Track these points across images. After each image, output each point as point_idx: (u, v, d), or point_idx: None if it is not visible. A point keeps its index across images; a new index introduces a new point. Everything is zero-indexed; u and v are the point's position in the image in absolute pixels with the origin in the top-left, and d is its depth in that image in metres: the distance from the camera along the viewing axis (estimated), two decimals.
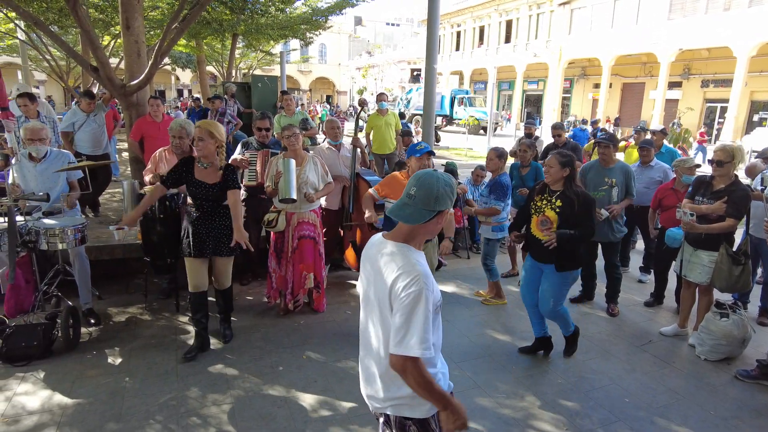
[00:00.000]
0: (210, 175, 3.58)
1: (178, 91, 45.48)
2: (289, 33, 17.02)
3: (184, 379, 3.41)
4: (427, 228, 1.71)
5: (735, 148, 3.88)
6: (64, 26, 13.09)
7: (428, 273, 1.63)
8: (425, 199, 1.65)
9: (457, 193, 1.73)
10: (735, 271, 3.72)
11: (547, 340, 3.96)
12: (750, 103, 23.08)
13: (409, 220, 1.66)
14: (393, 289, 1.61)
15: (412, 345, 1.54)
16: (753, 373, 3.57)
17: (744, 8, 20.80)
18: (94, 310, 4.24)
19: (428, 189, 1.65)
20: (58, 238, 3.71)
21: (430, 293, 1.59)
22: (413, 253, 1.68)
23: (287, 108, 7.47)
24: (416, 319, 1.56)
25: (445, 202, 1.67)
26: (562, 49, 30.06)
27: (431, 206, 1.65)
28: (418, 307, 1.56)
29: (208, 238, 3.63)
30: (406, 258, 1.64)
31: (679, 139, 11.46)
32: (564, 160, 3.49)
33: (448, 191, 1.68)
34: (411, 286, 1.57)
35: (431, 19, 6.36)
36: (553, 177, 3.55)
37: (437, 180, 1.67)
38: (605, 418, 3.19)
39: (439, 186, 1.66)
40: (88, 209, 6.22)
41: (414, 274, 1.58)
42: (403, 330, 1.56)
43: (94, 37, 5.81)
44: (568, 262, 3.59)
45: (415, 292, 1.56)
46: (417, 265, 1.62)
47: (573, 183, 3.54)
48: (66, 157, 4.24)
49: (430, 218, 1.67)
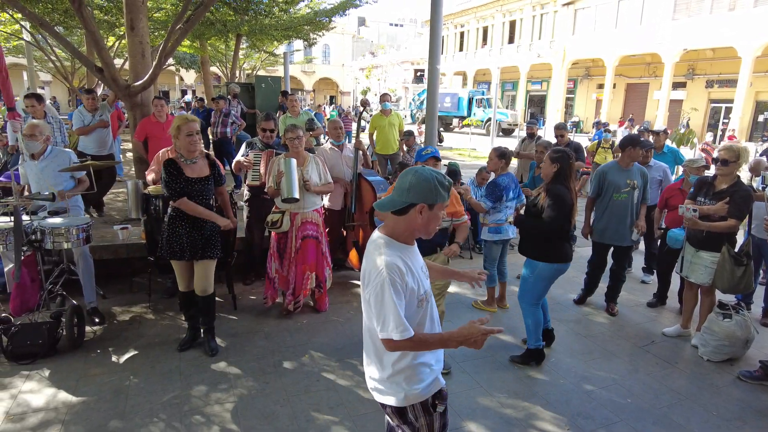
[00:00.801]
0: (202, 168, 3.56)
1: (182, 91, 45.61)
2: (293, 34, 17.08)
3: (188, 378, 3.43)
4: (407, 220, 1.72)
5: (741, 148, 3.88)
6: (69, 27, 13.19)
7: (394, 263, 1.66)
8: (399, 188, 1.71)
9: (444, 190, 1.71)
10: (737, 272, 3.72)
11: (548, 333, 4.00)
12: (755, 103, 22.98)
13: (381, 207, 1.75)
14: (363, 281, 1.75)
15: (391, 329, 1.63)
16: (756, 374, 3.56)
17: (749, 8, 20.72)
18: (98, 309, 4.27)
19: (403, 179, 1.71)
20: (63, 238, 3.74)
21: (394, 280, 1.64)
22: (390, 244, 1.73)
23: (292, 109, 7.50)
24: (387, 307, 1.64)
25: (421, 195, 1.67)
26: (565, 49, 30.02)
27: (403, 196, 1.69)
28: (385, 295, 1.63)
29: (198, 240, 3.55)
30: (379, 249, 1.72)
31: (683, 139, 11.42)
32: (554, 155, 3.58)
33: (424, 184, 1.67)
34: (375, 276, 1.67)
35: (434, 20, 6.36)
36: (544, 171, 3.66)
37: (414, 173, 1.70)
38: (607, 419, 3.19)
39: (412, 178, 1.69)
40: (93, 209, 6.25)
41: (378, 265, 1.67)
42: (381, 318, 1.66)
43: (99, 37, 5.85)
44: (530, 250, 3.73)
45: (379, 282, 1.65)
46: (384, 255, 1.68)
47: (559, 180, 3.58)
48: (67, 156, 4.27)
49: (403, 208, 1.69)
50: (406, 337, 1.64)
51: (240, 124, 8.72)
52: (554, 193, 3.53)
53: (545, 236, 3.62)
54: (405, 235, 1.77)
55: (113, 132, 6.87)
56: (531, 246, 3.74)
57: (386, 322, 1.64)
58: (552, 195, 3.53)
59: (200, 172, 3.54)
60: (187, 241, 3.53)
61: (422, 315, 1.79)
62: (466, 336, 1.69)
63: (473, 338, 1.69)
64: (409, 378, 1.79)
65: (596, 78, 30.66)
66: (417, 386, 1.79)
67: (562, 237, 3.65)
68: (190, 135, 3.41)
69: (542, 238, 3.65)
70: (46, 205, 4.01)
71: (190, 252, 3.55)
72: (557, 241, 3.64)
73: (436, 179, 1.69)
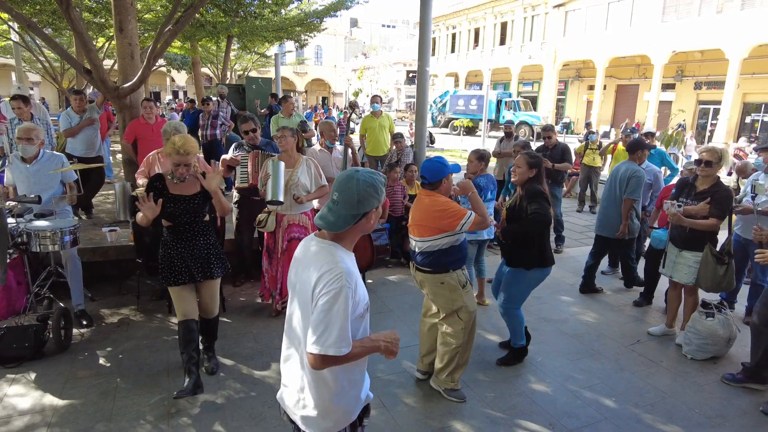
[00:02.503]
0: (188, 186, 3.26)
1: (173, 92, 45.41)
2: (284, 35, 17.09)
3: (176, 380, 3.43)
4: (358, 228, 1.69)
5: (722, 150, 3.96)
6: (58, 28, 13.09)
7: (352, 272, 1.62)
8: (347, 203, 1.62)
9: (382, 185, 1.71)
10: (719, 270, 3.78)
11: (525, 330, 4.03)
12: (742, 104, 23.24)
13: (333, 227, 1.64)
14: (316, 288, 1.59)
15: (330, 343, 1.54)
16: (738, 377, 3.61)
17: (736, 11, 20.99)
18: (86, 311, 4.25)
19: (348, 193, 1.62)
20: (50, 240, 3.73)
21: (350, 291, 1.58)
22: (339, 251, 1.66)
23: (286, 110, 7.55)
24: (336, 317, 1.54)
25: (370, 202, 1.64)
26: (556, 51, 30.22)
27: (354, 209, 1.63)
28: (337, 305, 1.54)
29: (193, 261, 3.26)
30: (331, 256, 1.63)
31: (671, 140, 11.57)
32: (532, 161, 3.57)
33: (370, 191, 1.63)
34: (332, 283, 1.55)
35: (423, 22, 6.41)
36: (519, 177, 3.61)
37: (356, 183, 1.63)
38: (591, 417, 3.23)
39: (358, 189, 1.62)
40: (81, 211, 6.22)
41: (336, 272, 1.57)
42: (322, 327, 1.55)
43: (88, 39, 5.83)
44: (517, 259, 3.65)
45: (336, 290, 1.55)
46: (341, 262, 1.60)
47: (534, 182, 3.57)
48: (59, 160, 4.26)
49: (358, 221, 1.65)
50: (343, 353, 1.55)
51: (229, 126, 8.70)
52: (535, 190, 3.53)
53: (531, 240, 3.58)
54: (351, 240, 1.73)
55: (102, 133, 6.82)
56: (520, 256, 3.62)
57: (327, 334, 1.54)
58: (533, 192, 3.52)
59: (184, 191, 3.24)
60: (180, 263, 3.23)
61: (363, 326, 1.73)
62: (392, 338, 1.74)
63: (394, 344, 1.74)
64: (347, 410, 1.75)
65: (587, 79, 30.89)
66: (351, 413, 1.77)
67: (546, 238, 3.69)
68: (177, 166, 3.17)
69: (531, 245, 3.58)
70: (33, 208, 3.99)
71: (188, 274, 3.25)
72: (547, 243, 3.69)
73: (376, 180, 1.68)
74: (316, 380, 1.69)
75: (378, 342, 1.72)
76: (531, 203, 3.48)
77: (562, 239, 6.95)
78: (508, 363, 3.85)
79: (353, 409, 1.77)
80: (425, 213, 3.16)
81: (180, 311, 3.30)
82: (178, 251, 3.24)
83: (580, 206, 9.57)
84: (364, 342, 1.68)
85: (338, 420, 1.74)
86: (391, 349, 1.74)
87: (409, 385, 3.52)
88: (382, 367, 3.69)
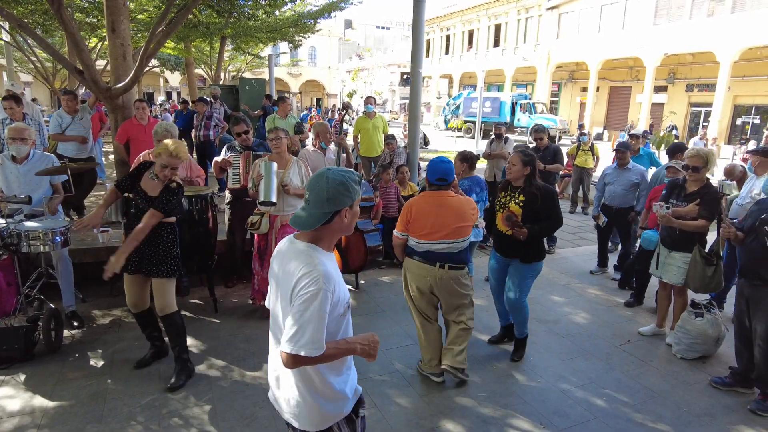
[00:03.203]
0: (155, 187, 3.28)
1: (167, 93, 45.21)
2: (278, 36, 17.05)
3: (167, 381, 3.42)
4: (333, 228, 1.69)
5: (708, 153, 4.00)
6: (49, 29, 13.01)
7: (330, 274, 1.62)
8: (317, 202, 1.64)
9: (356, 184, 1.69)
10: (708, 271, 3.82)
11: (512, 327, 4.10)
12: (733, 107, 23.46)
13: (304, 226, 1.66)
14: (295, 289, 1.60)
15: (302, 344, 1.55)
16: (727, 380, 3.63)
17: (727, 14, 21.19)
18: (77, 312, 4.23)
19: (318, 192, 1.64)
20: (40, 241, 3.70)
21: (328, 293, 1.59)
22: (318, 253, 1.67)
23: (282, 110, 7.57)
24: (310, 318, 1.55)
25: (341, 200, 1.64)
26: (550, 53, 30.36)
27: (325, 208, 1.64)
28: (313, 306, 1.56)
29: (148, 254, 3.30)
30: (310, 258, 1.63)
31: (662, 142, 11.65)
32: (526, 159, 3.67)
33: (341, 189, 1.63)
34: (310, 285, 1.57)
35: (416, 24, 6.42)
36: (515, 174, 3.72)
37: (326, 180, 1.63)
38: (582, 416, 3.25)
39: (327, 186, 1.62)
40: (73, 212, 6.19)
41: (315, 274, 1.58)
42: (296, 327, 1.56)
43: (79, 39, 5.80)
44: (533, 255, 3.76)
45: (313, 291, 1.56)
46: (319, 265, 1.61)
47: (534, 179, 3.71)
48: (49, 160, 4.24)
49: (329, 219, 1.65)
50: (315, 355, 1.56)
51: (223, 127, 8.68)
52: (546, 193, 3.67)
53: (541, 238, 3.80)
54: (329, 241, 1.73)
55: (94, 134, 6.79)
56: (537, 250, 3.77)
57: (301, 334, 1.55)
58: (545, 196, 3.65)
59: (149, 189, 3.28)
60: (136, 254, 3.26)
61: (344, 325, 1.75)
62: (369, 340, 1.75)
63: (371, 347, 1.74)
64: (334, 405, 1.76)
65: (580, 81, 31.06)
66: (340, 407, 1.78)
67: None
68: (164, 168, 3.19)
69: (541, 240, 3.81)
70: (23, 208, 3.97)
71: (135, 264, 3.29)
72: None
73: (347, 178, 1.67)
74: (300, 376, 1.70)
75: (354, 345, 1.72)
76: (549, 203, 3.65)
77: (554, 240, 6.99)
78: (522, 354, 4.00)
79: (342, 403, 1.79)
80: (464, 212, 3.35)
81: (130, 301, 3.46)
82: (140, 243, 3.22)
83: (572, 207, 9.63)
84: (339, 344, 1.68)
85: (325, 415, 1.75)
86: (368, 351, 1.74)
87: (401, 386, 3.53)
88: (375, 368, 3.70)
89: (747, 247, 3.41)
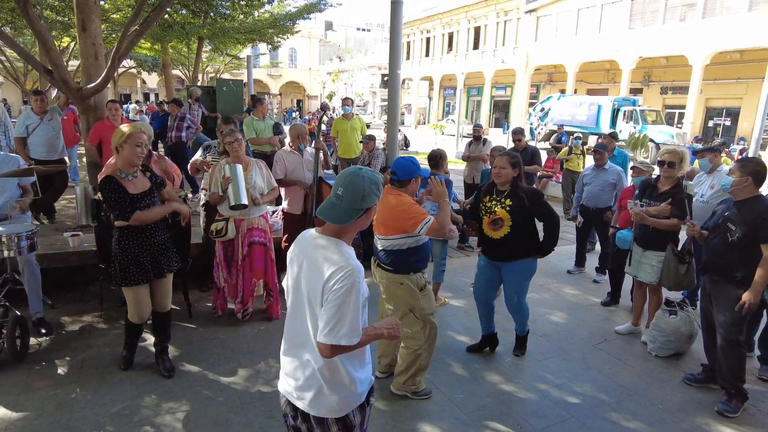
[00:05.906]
0: (142, 182, 3.25)
1: (144, 95, 44.50)
2: (256, 37, 16.91)
3: (139, 388, 3.34)
4: (358, 224, 1.79)
5: (683, 151, 4.08)
6: (18, 27, 12.67)
7: (361, 268, 1.71)
8: (352, 199, 1.71)
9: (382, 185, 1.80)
10: (681, 269, 3.88)
11: (493, 337, 4.09)
12: (705, 109, 24.08)
13: (338, 221, 1.73)
14: (328, 283, 1.67)
15: (342, 334, 1.64)
16: (699, 377, 3.69)
17: (698, 19, 21.77)
18: (45, 319, 4.09)
19: (354, 189, 1.71)
20: (4, 246, 3.58)
21: (361, 286, 1.69)
22: (345, 247, 1.75)
23: (260, 112, 7.36)
24: (348, 310, 1.64)
25: (372, 200, 1.74)
26: (528, 55, 30.74)
27: (358, 205, 1.72)
28: (350, 299, 1.64)
29: (149, 258, 3.28)
30: (340, 253, 1.71)
31: (638, 144, 11.86)
32: (514, 161, 3.65)
33: (374, 189, 1.74)
34: (344, 279, 1.64)
35: (394, 26, 6.41)
36: (504, 178, 3.66)
37: (362, 179, 1.72)
38: (559, 416, 3.27)
39: (364, 185, 1.72)
40: (43, 216, 6.01)
41: (348, 269, 1.66)
42: (335, 320, 1.64)
43: (48, 38, 5.65)
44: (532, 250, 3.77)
45: (349, 284, 1.64)
46: (350, 259, 1.70)
47: (520, 182, 3.69)
48: (15, 162, 4.10)
49: (359, 216, 1.74)
50: (354, 343, 1.66)
51: (196, 128, 8.52)
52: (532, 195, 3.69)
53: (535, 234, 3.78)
54: (351, 236, 1.82)
55: (75, 139, 6.58)
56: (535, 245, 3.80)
57: (339, 326, 1.64)
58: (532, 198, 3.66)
59: (142, 187, 3.23)
60: (149, 259, 3.25)
61: (363, 317, 1.81)
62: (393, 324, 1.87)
63: (396, 329, 1.86)
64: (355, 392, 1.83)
65: (558, 83, 31.47)
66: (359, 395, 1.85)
67: None
68: (139, 146, 3.10)
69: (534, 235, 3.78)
70: None
71: (154, 270, 3.28)
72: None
73: (379, 180, 1.78)
74: (328, 366, 1.76)
75: (381, 330, 1.83)
76: (538, 205, 3.66)
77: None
78: (524, 350, 4.05)
79: (360, 392, 1.84)
80: (390, 211, 3.14)
81: (136, 313, 3.33)
82: (134, 250, 3.22)
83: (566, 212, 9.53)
84: (368, 330, 1.78)
85: (345, 403, 1.81)
86: (393, 334, 1.86)
87: (378, 388, 3.50)
88: None
89: (709, 243, 3.48)
